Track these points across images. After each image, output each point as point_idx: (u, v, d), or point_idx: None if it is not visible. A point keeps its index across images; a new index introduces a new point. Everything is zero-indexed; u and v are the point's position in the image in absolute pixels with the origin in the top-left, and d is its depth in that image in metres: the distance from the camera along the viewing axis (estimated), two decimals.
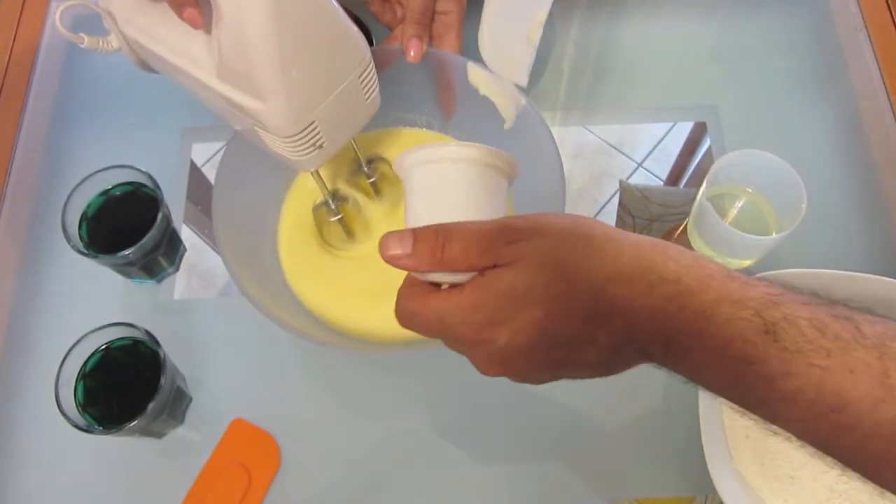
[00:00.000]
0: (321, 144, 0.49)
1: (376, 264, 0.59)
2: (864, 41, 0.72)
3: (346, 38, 0.47)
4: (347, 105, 0.49)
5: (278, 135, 0.47)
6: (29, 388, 0.60)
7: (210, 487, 0.56)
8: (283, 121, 0.46)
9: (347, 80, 0.48)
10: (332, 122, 0.49)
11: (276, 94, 0.45)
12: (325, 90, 0.47)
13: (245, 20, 0.42)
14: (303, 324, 0.55)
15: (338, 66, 0.47)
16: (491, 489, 0.56)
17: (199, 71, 0.47)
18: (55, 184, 0.68)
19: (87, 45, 0.51)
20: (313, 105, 0.47)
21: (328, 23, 0.45)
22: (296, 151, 0.48)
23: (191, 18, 0.44)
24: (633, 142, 0.70)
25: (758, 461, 0.52)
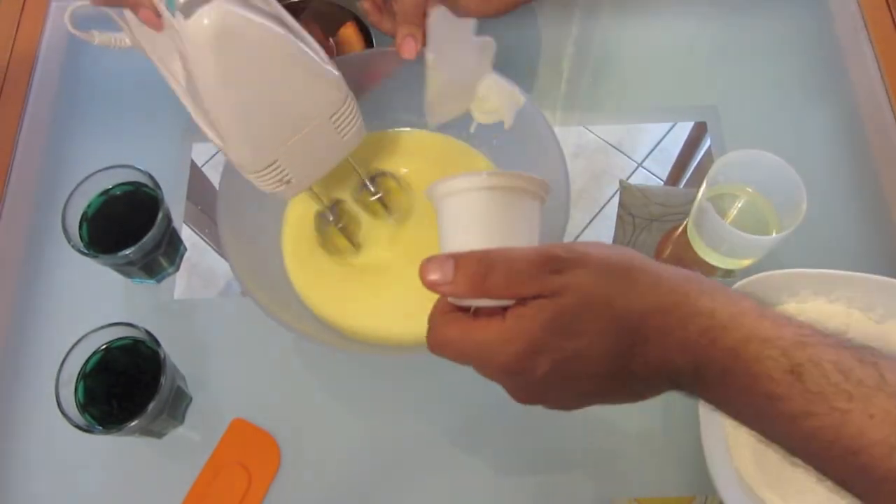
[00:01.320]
0: (288, 180, 0.49)
1: (380, 272, 0.60)
2: (864, 41, 0.72)
3: (313, 83, 0.46)
4: (317, 144, 0.49)
5: (240, 170, 0.47)
6: (29, 388, 0.60)
7: (210, 487, 0.56)
8: (242, 160, 0.46)
9: (315, 122, 0.47)
10: (298, 160, 0.48)
11: (231, 136, 0.45)
12: (289, 132, 0.47)
13: (194, 63, 0.42)
14: (306, 326, 0.55)
15: (303, 109, 0.47)
16: (491, 489, 0.56)
17: (179, 90, 0.47)
18: (55, 184, 0.68)
19: (100, 41, 0.51)
20: (274, 146, 0.47)
21: (286, 67, 0.44)
22: (263, 185, 0.49)
23: (147, 18, 0.44)
24: (634, 142, 0.70)
25: (758, 461, 0.52)
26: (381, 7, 0.60)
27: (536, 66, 0.73)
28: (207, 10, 0.40)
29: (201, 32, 0.40)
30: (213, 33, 0.40)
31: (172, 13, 0.41)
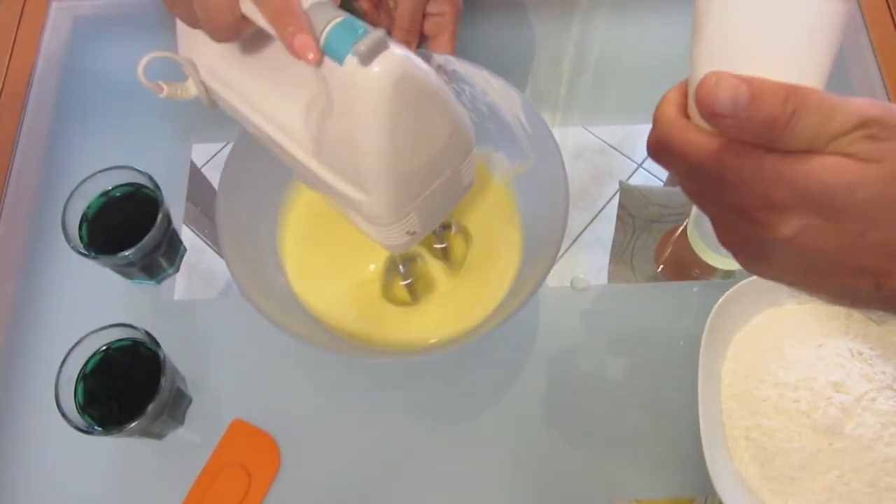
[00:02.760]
0: (413, 231, 0.47)
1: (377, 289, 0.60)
2: (864, 41, 0.72)
3: (458, 129, 0.44)
4: (445, 193, 0.47)
5: (375, 224, 0.45)
6: (29, 388, 0.60)
7: (210, 488, 0.56)
8: (384, 213, 0.44)
9: (451, 170, 0.46)
10: (428, 210, 0.47)
11: (380, 189, 0.42)
12: (428, 182, 0.45)
13: (358, 114, 0.39)
14: (307, 329, 0.55)
15: (445, 158, 0.45)
16: (491, 490, 0.56)
17: (291, 143, 0.44)
18: (55, 184, 0.68)
19: (167, 95, 0.47)
20: (415, 197, 0.45)
21: (444, 115, 0.43)
22: (389, 237, 0.47)
23: (301, 48, 0.38)
24: (633, 142, 0.70)
25: (758, 462, 0.52)
26: (378, 5, 0.60)
27: (536, 66, 0.73)
28: (388, 58, 0.37)
29: (380, 81, 0.37)
30: (395, 83, 0.38)
31: (339, 59, 0.38)
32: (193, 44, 0.46)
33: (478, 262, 0.59)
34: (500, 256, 0.59)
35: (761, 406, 0.53)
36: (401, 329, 0.57)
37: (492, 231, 0.60)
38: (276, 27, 0.39)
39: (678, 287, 0.63)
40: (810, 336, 0.55)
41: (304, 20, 0.38)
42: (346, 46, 0.37)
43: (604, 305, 0.62)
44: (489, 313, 0.56)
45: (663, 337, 0.60)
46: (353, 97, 0.39)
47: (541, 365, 0.60)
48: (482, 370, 0.60)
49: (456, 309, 0.58)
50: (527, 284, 0.53)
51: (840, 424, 0.51)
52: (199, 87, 0.47)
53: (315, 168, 0.44)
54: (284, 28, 0.38)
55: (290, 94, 0.44)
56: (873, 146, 0.28)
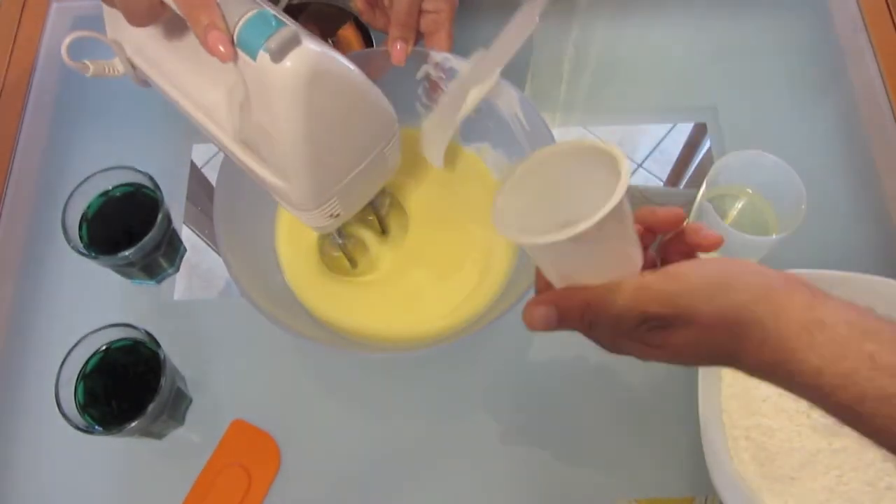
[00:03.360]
0: (337, 214, 0.48)
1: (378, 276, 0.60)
2: (864, 41, 0.72)
3: (376, 116, 0.45)
4: (369, 175, 0.48)
5: (297, 209, 0.46)
6: (29, 388, 0.60)
7: (210, 488, 0.56)
8: (305, 200, 0.45)
9: (373, 154, 0.47)
10: (351, 194, 0.47)
11: (299, 177, 0.43)
12: (350, 168, 0.46)
13: (273, 108, 0.40)
14: (304, 327, 0.55)
15: (364, 145, 0.46)
16: (491, 490, 0.56)
17: (216, 128, 0.45)
18: (55, 184, 0.68)
19: (93, 73, 0.48)
20: (335, 183, 0.46)
21: (360, 105, 0.43)
22: (313, 220, 0.47)
23: (214, 45, 0.38)
24: (633, 142, 0.70)
25: (758, 462, 0.52)
26: (373, 3, 0.60)
27: (536, 66, 0.73)
28: (300, 54, 0.38)
29: (292, 77, 0.38)
30: (306, 78, 0.38)
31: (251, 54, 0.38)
32: (121, 23, 0.46)
33: (475, 258, 0.59)
34: (497, 252, 0.59)
35: (761, 406, 0.53)
36: (398, 324, 0.57)
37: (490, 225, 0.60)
38: (190, 19, 0.39)
39: None
40: None
41: (217, 14, 0.38)
42: (259, 42, 0.37)
43: None
44: (485, 309, 0.56)
45: None
46: (267, 92, 0.39)
47: (541, 365, 0.60)
48: (482, 370, 0.60)
49: (453, 304, 0.58)
50: (524, 279, 0.53)
51: (840, 424, 0.51)
52: (126, 66, 0.48)
53: (239, 153, 0.45)
54: (197, 21, 0.39)
55: (214, 78, 0.44)
56: (657, 336, 0.37)
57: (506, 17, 0.51)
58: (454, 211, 0.61)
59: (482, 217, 0.61)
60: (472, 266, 0.59)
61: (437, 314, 0.58)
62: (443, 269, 0.60)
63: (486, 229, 0.60)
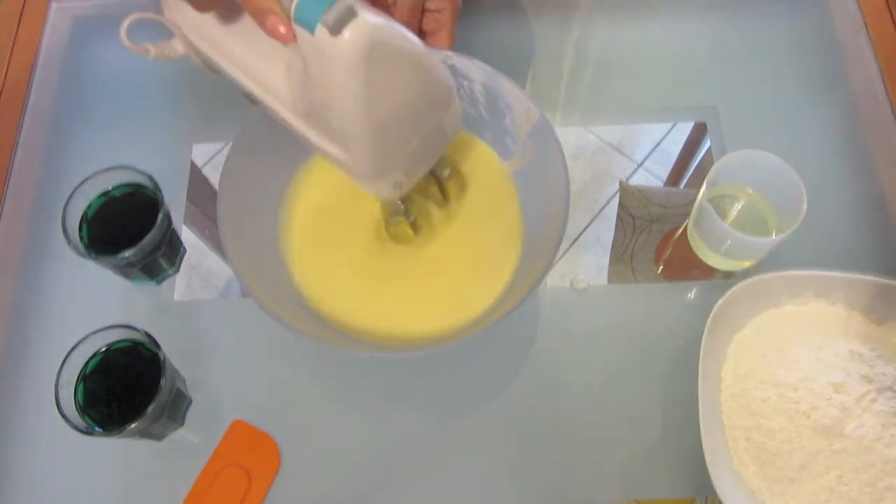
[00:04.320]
0: (401, 184, 0.49)
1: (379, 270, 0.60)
2: (864, 42, 0.72)
3: (434, 85, 0.45)
4: (429, 144, 0.48)
5: (358, 177, 0.46)
6: (29, 389, 0.60)
7: (210, 489, 0.56)
8: (367, 170, 0.45)
9: (433, 123, 0.47)
10: (414, 162, 0.48)
11: (362, 147, 0.43)
12: (411, 137, 0.46)
13: (332, 81, 0.40)
14: (307, 326, 0.55)
15: (424, 115, 0.46)
16: (491, 490, 0.56)
17: (274, 101, 0.45)
18: (55, 185, 0.68)
19: (155, 55, 0.47)
20: (398, 153, 0.46)
21: (419, 74, 0.43)
22: (377, 190, 0.48)
23: (273, 29, 0.39)
24: (634, 142, 0.70)
25: (758, 462, 0.52)
26: (374, 1, 0.60)
27: (536, 66, 0.73)
28: (357, 26, 0.38)
29: (351, 49, 0.38)
30: (364, 50, 0.38)
31: (310, 29, 0.38)
32: (177, 5, 0.46)
33: (478, 256, 0.59)
34: (501, 250, 0.59)
35: (761, 406, 0.53)
36: (400, 323, 0.57)
37: (492, 224, 0.60)
38: (247, 6, 0.40)
39: (678, 287, 0.63)
40: (810, 337, 0.55)
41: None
42: (316, 16, 0.38)
43: (604, 305, 0.62)
44: (488, 309, 0.56)
45: (663, 337, 0.60)
46: (326, 65, 0.39)
47: (541, 364, 0.60)
48: (482, 370, 0.60)
49: (456, 303, 0.57)
50: (527, 279, 0.53)
51: (840, 425, 0.51)
52: (187, 46, 0.48)
53: (300, 127, 0.45)
54: (254, 7, 0.39)
55: (272, 54, 0.45)
56: None
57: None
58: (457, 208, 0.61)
59: (485, 216, 0.61)
60: (476, 264, 0.59)
61: (439, 312, 0.58)
62: (444, 267, 0.60)
63: (488, 229, 0.60)
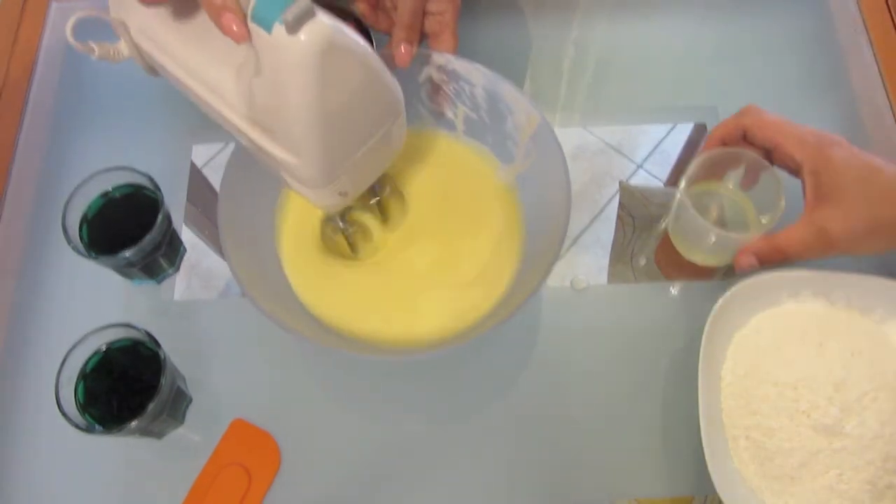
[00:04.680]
0: (345, 192, 0.49)
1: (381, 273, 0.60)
2: (864, 42, 0.72)
3: (385, 93, 0.46)
4: (376, 154, 0.48)
5: (307, 186, 0.46)
6: (29, 388, 0.60)
7: (210, 488, 0.56)
8: (315, 175, 0.45)
9: (381, 131, 0.47)
10: (359, 172, 0.48)
11: (311, 152, 0.43)
12: (358, 145, 0.46)
13: (287, 81, 0.40)
14: (306, 327, 0.55)
15: (374, 120, 0.46)
16: (491, 490, 0.56)
17: (224, 106, 0.45)
18: (55, 185, 0.68)
19: (99, 55, 0.48)
20: (346, 159, 0.46)
21: (371, 80, 0.44)
22: (321, 198, 0.48)
23: (228, 26, 0.39)
24: (633, 143, 0.70)
25: (758, 461, 0.52)
26: (375, 5, 0.60)
27: (536, 66, 0.73)
28: (314, 26, 0.38)
29: (307, 49, 0.38)
30: (320, 50, 0.38)
31: (267, 27, 0.38)
32: (125, 4, 0.46)
33: (478, 259, 0.59)
34: (502, 254, 0.59)
35: (761, 406, 0.53)
36: (401, 326, 0.57)
37: (492, 228, 0.60)
38: (205, 3, 0.40)
39: (678, 287, 0.63)
40: (810, 336, 0.55)
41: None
42: (274, 15, 0.38)
43: (604, 305, 0.62)
44: (489, 312, 0.56)
45: (663, 337, 0.60)
46: (281, 65, 0.39)
47: (541, 365, 0.60)
48: (482, 370, 0.60)
49: (456, 306, 0.58)
50: (528, 283, 0.53)
51: (840, 424, 0.51)
52: (132, 49, 0.48)
53: (248, 131, 0.45)
54: (210, 3, 0.40)
55: (222, 56, 0.44)
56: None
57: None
58: (457, 209, 0.61)
59: (486, 216, 0.61)
60: (473, 268, 0.59)
61: (439, 315, 0.58)
62: (445, 269, 0.60)
63: (489, 232, 0.60)
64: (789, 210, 0.55)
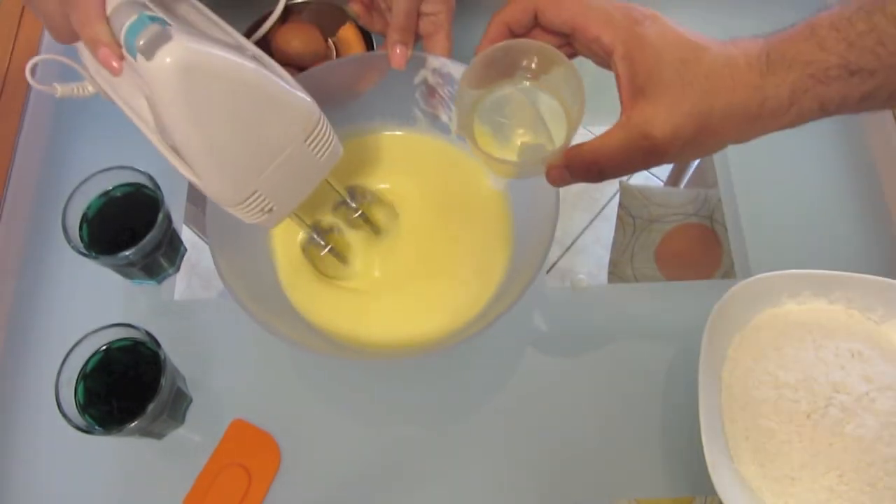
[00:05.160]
0: (270, 209, 0.48)
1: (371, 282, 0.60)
2: None
3: (281, 108, 0.45)
4: (295, 168, 0.48)
5: (220, 204, 0.47)
6: (29, 388, 0.60)
7: (210, 488, 0.56)
8: (220, 194, 0.46)
9: (291, 147, 0.47)
10: (278, 187, 0.48)
11: (206, 171, 0.44)
12: (265, 160, 0.46)
13: (161, 105, 0.41)
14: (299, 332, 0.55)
15: (275, 135, 0.46)
16: (490, 489, 0.56)
17: (148, 131, 0.46)
18: (55, 184, 0.68)
19: (62, 94, 0.50)
20: (252, 176, 0.46)
21: (252, 96, 0.43)
22: (245, 216, 0.48)
23: (105, 60, 0.41)
24: None
25: (758, 462, 0.52)
26: (369, 6, 0.60)
27: None
28: (168, 49, 0.39)
29: (164, 72, 0.39)
30: (177, 72, 0.39)
31: (134, 56, 0.40)
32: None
33: (469, 262, 0.59)
34: (491, 258, 0.59)
35: (761, 406, 0.53)
36: (394, 329, 0.57)
37: (484, 233, 0.60)
38: (81, 35, 0.41)
39: (678, 287, 0.63)
40: (810, 336, 0.55)
41: (100, 28, 0.41)
42: (132, 46, 0.39)
43: (604, 305, 0.62)
44: (482, 311, 0.56)
45: (663, 337, 0.60)
46: (152, 89, 0.40)
47: (540, 365, 0.60)
48: (482, 370, 0.60)
49: (449, 307, 0.58)
50: (518, 283, 0.53)
51: (840, 424, 0.51)
52: (96, 85, 0.49)
53: (166, 155, 0.46)
54: (87, 39, 0.41)
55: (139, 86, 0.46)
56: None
57: None
58: (449, 213, 0.61)
59: (477, 219, 0.61)
60: (466, 270, 0.59)
61: (433, 318, 0.57)
62: (437, 272, 0.59)
63: (480, 234, 0.60)
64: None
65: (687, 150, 0.42)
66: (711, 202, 0.65)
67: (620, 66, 0.42)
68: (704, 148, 0.43)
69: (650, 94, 0.41)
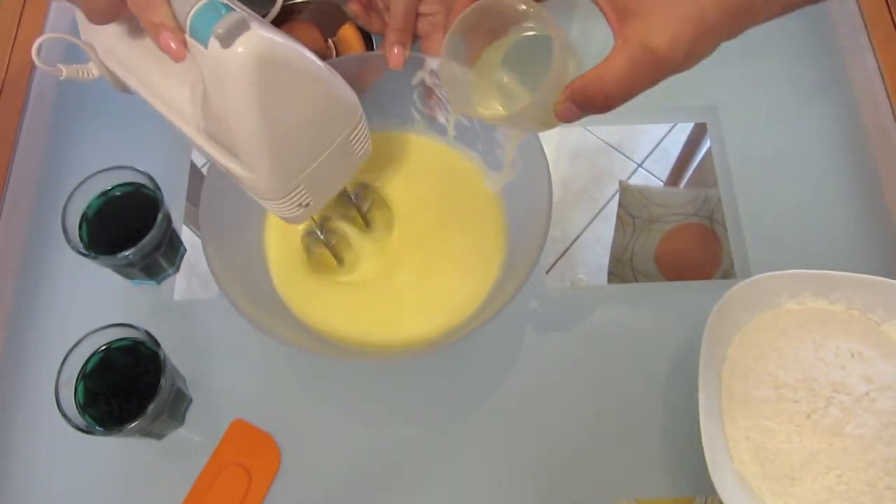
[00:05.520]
0: (307, 204, 0.48)
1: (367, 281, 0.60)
2: (864, 41, 0.72)
3: (334, 103, 0.46)
4: (336, 164, 0.48)
5: (263, 198, 0.47)
6: (29, 388, 0.60)
7: (210, 488, 0.56)
8: (268, 188, 0.45)
9: (336, 142, 0.47)
10: (319, 182, 0.48)
11: (260, 164, 0.44)
12: (313, 155, 0.46)
13: (227, 95, 0.40)
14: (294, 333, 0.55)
15: (326, 130, 0.46)
16: (490, 490, 0.56)
17: (181, 121, 0.46)
18: (55, 184, 0.68)
19: (67, 76, 0.49)
20: (300, 171, 0.46)
21: (316, 90, 0.44)
22: (282, 210, 0.48)
23: (166, 45, 0.40)
24: (634, 142, 0.70)
25: (758, 462, 0.52)
26: (367, 6, 0.60)
27: None
28: (247, 38, 0.38)
29: (242, 61, 0.38)
30: (255, 62, 0.39)
31: (204, 42, 0.39)
32: (92, 26, 0.46)
33: (464, 261, 0.59)
34: (485, 260, 0.59)
35: (761, 406, 0.53)
36: (390, 330, 0.57)
37: (479, 235, 0.60)
38: (142, 21, 0.40)
39: (678, 287, 0.63)
40: (810, 336, 0.55)
41: (164, 11, 0.39)
42: (208, 29, 0.38)
43: (604, 305, 0.62)
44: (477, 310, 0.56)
45: (663, 337, 0.60)
46: (220, 79, 0.40)
47: (540, 364, 0.60)
48: (481, 370, 0.60)
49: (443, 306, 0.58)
50: (512, 282, 0.53)
51: (840, 424, 0.51)
52: (101, 68, 0.48)
53: (206, 147, 0.45)
54: (148, 22, 0.40)
55: (178, 74, 0.45)
56: None
57: None
58: (444, 214, 0.61)
59: (472, 221, 0.61)
60: (460, 269, 0.59)
61: (429, 316, 0.57)
62: (431, 272, 0.59)
63: (476, 233, 0.60)
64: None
65: (690, 55, 0.42)
66: (711, 202, 0.65)
67: None
68: (703, 48, 0.43)
69: (637, 12, 0.41)
